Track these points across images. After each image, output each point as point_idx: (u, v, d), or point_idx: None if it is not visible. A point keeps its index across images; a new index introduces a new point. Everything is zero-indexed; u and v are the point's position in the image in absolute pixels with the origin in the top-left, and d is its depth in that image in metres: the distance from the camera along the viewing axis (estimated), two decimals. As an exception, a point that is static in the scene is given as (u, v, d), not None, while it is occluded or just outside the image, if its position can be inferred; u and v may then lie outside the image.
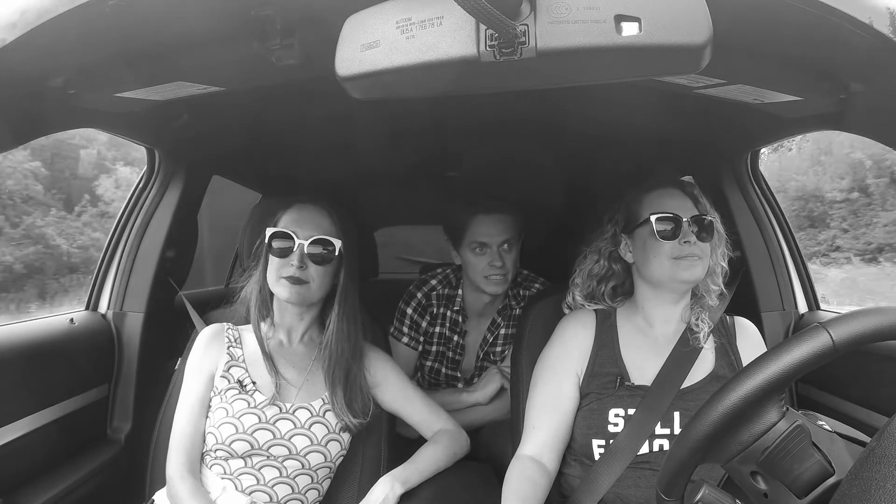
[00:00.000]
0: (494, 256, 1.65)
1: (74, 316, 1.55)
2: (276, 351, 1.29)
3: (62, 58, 0.90)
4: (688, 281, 1.18)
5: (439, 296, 1.83)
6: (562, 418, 1.19)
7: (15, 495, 1.22)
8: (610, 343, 1.23)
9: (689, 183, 1.26)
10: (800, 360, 0.62)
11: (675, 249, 1.16)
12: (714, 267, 1.22)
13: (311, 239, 1.22)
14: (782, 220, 1.70)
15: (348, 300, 1.29)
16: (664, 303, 1.23)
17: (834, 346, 0.61)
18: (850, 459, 0.65)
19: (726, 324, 1.27)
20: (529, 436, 1.19)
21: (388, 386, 1.33)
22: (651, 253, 1.19)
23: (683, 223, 1.17)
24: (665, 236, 1.17)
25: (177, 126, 1.40)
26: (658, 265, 1.18)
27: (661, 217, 1.18)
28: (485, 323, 1.82)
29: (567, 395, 1.20)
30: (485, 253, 1.66)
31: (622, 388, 1.17)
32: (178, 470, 1.17)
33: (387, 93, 0.77)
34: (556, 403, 1.19)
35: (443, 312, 1.82)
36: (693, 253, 1.16)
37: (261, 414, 1.19)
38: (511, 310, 1.79)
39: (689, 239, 1.16)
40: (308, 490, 1.22)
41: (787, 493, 0.65)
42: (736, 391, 0.64)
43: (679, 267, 1.16)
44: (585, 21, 0.61)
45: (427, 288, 1.83)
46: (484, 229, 1.66)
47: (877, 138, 0.97)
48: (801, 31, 0.78)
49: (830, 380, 1.45)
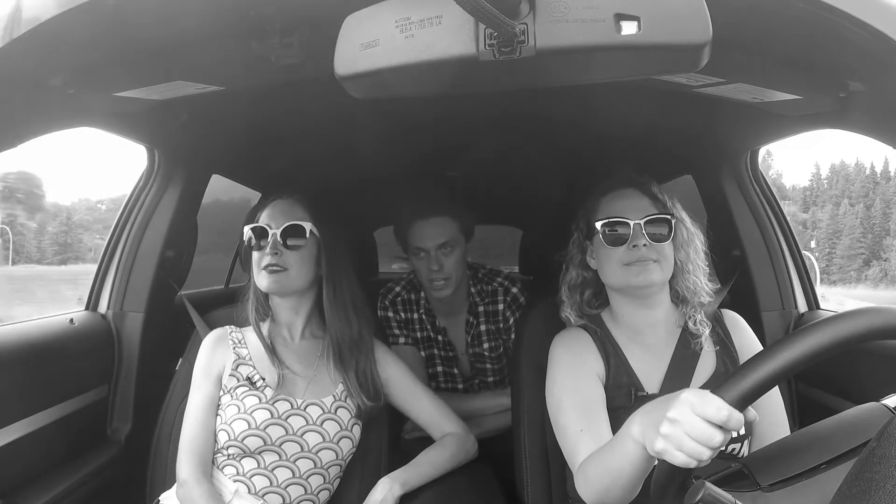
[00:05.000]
0: (432, 261, 1.66)
1: (74, 316, 1.54)
2: (281, 347, 1.31)
3: (61, 57, 0.90)
4: (642, 286, 1.12)
5: (404, 301, 1.84)
6: (604, 415, 1.09)
7: (15, 495, 1.22)
8: (615, 352, 1.18)
9: (646, 181, 1.20)
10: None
11: (625, 255, 1.12)
12: (685, 265, 1.17)
13: (283, 226, 1.26)
14: (782, 220, 1.70)
15: (338, 287, 1.30)
16: (638, 308, 1.18)
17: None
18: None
19: (720, 319, 1.22)
20: (579, 441, 1.05)
21: (396, 383, 1.34)
22: (603, 260, 1.16)
23: (633, 226, 1.12)
24: (612, 242, 1.13)
25: (176, 125, 1.40)
26: (611, 272, 1.15)
27: (606, 222, 1.14)
28: (460, 323, 1.82)
29: (599, 399, 1.11)
30: (424, 258, 1.68)
31: (637, 401, 1.11)
32: (193, 473, 1.17)
33: (386, 92, 0.77)
34: (591, 407, 1.09)
35: (414, 317, 1.84)
36: (645, 257, 1.11)
37: (273, 409, 1.20)
38: (477, 306, 1.80)
39: (639, 242, 1.11)
40: (320, 490, 1.23)
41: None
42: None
43: (630, 273, 1.12)
44: (585, 20, 0.61)
45: (392, 295, 1.85)
46: (420, 233, 1.68)
47: (877, 137, 0.97)
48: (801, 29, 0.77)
49: (830, 379, 1.45)
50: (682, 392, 0.71)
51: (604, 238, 1.14)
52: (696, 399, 0.68)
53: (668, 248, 1.14)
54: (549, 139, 1.83)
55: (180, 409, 1.35)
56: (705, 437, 0.67)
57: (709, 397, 0.67)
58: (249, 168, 2.08)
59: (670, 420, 0.70)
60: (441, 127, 1.72)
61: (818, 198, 67.82)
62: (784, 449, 0.75)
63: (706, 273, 1.20)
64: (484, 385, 1.84)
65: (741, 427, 0.67)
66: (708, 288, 1.19)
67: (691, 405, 0.68)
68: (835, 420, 0.77)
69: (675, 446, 0.69)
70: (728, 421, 0.65)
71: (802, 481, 0.70)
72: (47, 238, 53.98)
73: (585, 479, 0.97)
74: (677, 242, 1.16)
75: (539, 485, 1.28)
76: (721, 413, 0.65)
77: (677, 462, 0.69)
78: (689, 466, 0.69)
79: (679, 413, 0.69)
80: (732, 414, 0.65)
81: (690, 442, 0.68)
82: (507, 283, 1.81)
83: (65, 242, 53.98)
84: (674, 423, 0.69)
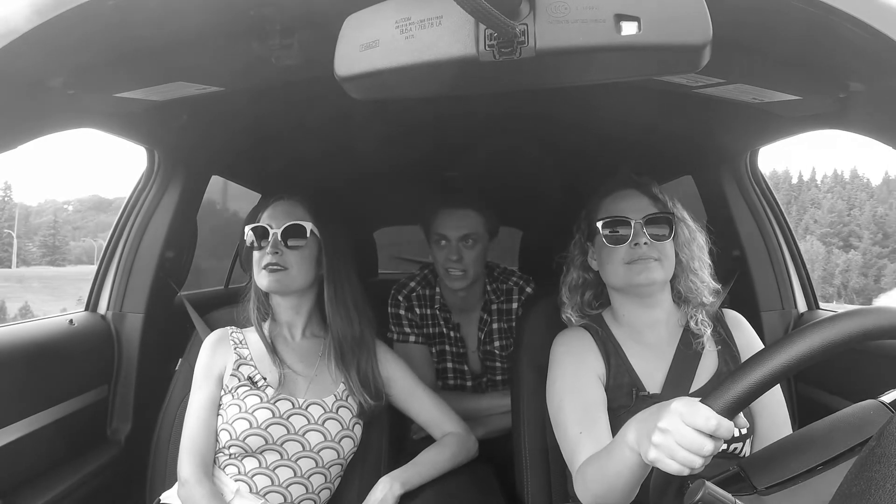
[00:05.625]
0: (452, 250, 1.68)
1: (74, 317, 1.54)
2: (281, 347, 1.31)
3: (61, 58, 0.90)
4: (644, 284, 1.12)
5: (419, 296, 1.84)
6: (604, 417, 1.10)
7: (15, 496, 1.22)
8: (615, 352, 1.18)
9: (646, 181, 1.20)
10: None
11: (627, 254, 1.12)
12: (689, 264, 1.17)
13: (284, 226, 1.27)
14: (781, 220, 1.70)
15: (339, 286, 1.31)
16: (638, 307, 1.18)
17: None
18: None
19: (721, 319, 1.21)
20: (579, 443, 1.05)
21: (397, 382, 1.34)
22: (605, 260, 1.16)
23: (634, 225, 1.12)
24: (614, 241, 1.14)
25: (176, 126, 1.40)
26: (613, 272, 1.15)
27: (607, 221, 1.15)
28: (474, 321, 1.83)
29: (600, 400, 1.11)
30: (445, 246, 1.69)
31: (638, 401, 1.11)
32: (195, 473, 1.17)
33: (386, 93, 0.77)
34: (591, 409, 1.09)
35: (428, 313, 1.84)
36: (647, 255, 1.11)
37: (274, 409, 1.20)
38: (491, 304, 1.81)
39: (639, 241, 1.11)
40: (321, 490, 1.23)
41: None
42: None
43: (632, 271, 1.12)
44: (585, 20, 0.61)
45: (407, 290, 1.85)
46: (445, 222, 1.70)
47: (876, 137, 0.97)
48: (801, 29, 0.77)
49: (830, 379, 1.45)
50: (672, 401, 0.72)
51: (605, 238, 1.15)
52: (686, 409, 0.68)
53: (670, 246, 1.14)
54: (549, 139, 1.83)
55: (180, 410, 1.35)
56: (696, 447, 0.67)
57: (697, 407, 0.67)
58: (249, 169, 2.08)
59: (661, 430, 0.71)
60: (441, 127, 1.72)
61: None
62: (780, 451, 0.75)
63: (711, 271, 1.20)
64: (492, 383, 1.84)
65: (731, 435, 0.67)
66: (713, 285, 1.19)
67: (681, 415, 0.68)
68: (831, 419, 0.76)
69: (667, 455, 0.70)
70: (717, 430, 0.66)
71: (799, 483, 0.70)
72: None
73: (584, 482, 0.97)
74: (679, 241, 1.17)
75: (539, 484, 1.28)
76: (710, 423, 0.66)
77: (671, 470, 0.70)
78: (682, 474, 0.70)
79: (669, 423, 0.70)
80: (721, 423, 0.66)
81: (682, 451, 0.68)
82: (521, 282, 1.82)
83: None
84: (665, 433, 0.70)
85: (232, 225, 2.53)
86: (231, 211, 2.73)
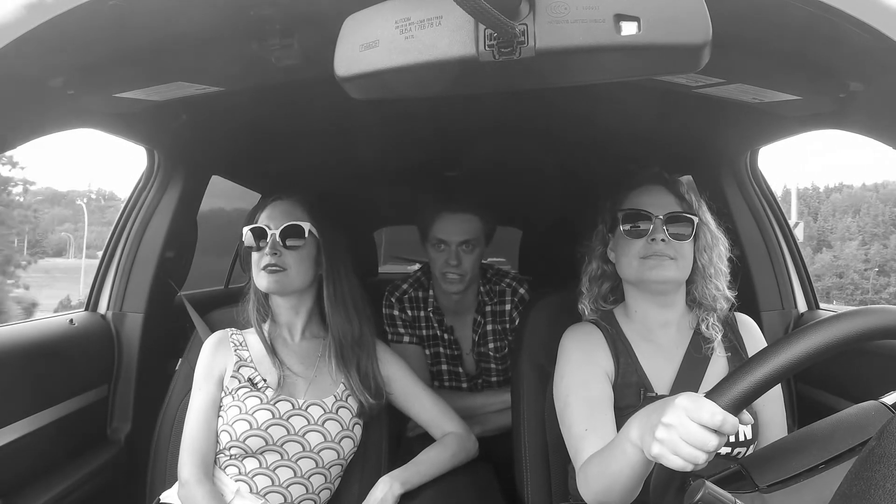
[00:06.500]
0: (451, 255, 1.67)
1: (74, 316, 1.55)
2: (281, 348, 1.31)
3: (61, 58, 0.90)
4: (656, 281, 1.11)
5: (411, 298, 1.84)
6: (610, 415, 1.08)
7: (15, 496, 1.22)
8: (625, 350, 1.16)
9: (675, 180, 1.18)
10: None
11: (643, 248, 1.11)
12: (706, 269, 1.15)
13: (282, 227, 1.26)
14: (781, 220, 1.70)
15: (338, 286, 1.31)
16: (651, 305, 1.17)
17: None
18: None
19: (733, 324, 1.20)
20: (584, 440, 1.04)
21: (397, 381, 1.35)
22: (621, 252, 1.15)
23: (655, 220, 1.11)
24: (632, 234, 1.12)
25: (176, 126, 1.40)
26: (627, 264, 1.13)
27: (628, 214, 1.13)
28: (468, 323, 1.82)
29: (607, 398, 1.10)
30: (444, 250, 1.68)
31: (646, 402, 1.09)
32: (195, 473, 1.18)
33: (386, 93, 0.76)
34: (598, 407, 1.08)
35: (421, 315, 1.84)
36: (662, 252, 1.09)
37: (274, 410, 1.21)
38: (485, 306, 1.80)
39: (657, 237, 1.10)
40: (321, 490, 1.23)
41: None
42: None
43: (645, 266, 1.10)
44: (584, 20, 0.61)
45: (399, 292, 1.85)
46: (445, 227, 1.68)
47: (877, 137, 0.97)
48: (801, 29, 0.77)
49: (830, 379, 1.45)
50: (677, 396, 0.71)
51: (624, 230, 1.14)
52: (691, 404, 0.68)
53: (688, 247, 1.13)
54: (549, 139, 1.83)
55: (180, 409, 1.35)
56: (700, 442, 0.67)
57: (703, 402, 0.67)
58: (249, 169, 2.08)
59: (665, 425, 0.70)
60: (440, 127, 1.71)
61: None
62: (782, 449, 0.75)
63: (727, 279, 1.18)
64: (487, 384, 1.84)
65: (736, 431, 0.67)
66: (728, 295, 1.17)
67: (686, 410, 0.68)
68: (833, 419, 0.76)
69: (671, 451, 0.69)
70: (722, 425, 0.65)
71: (801, 482, 0.70)
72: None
73: (586, 479, 0.97)
74: (699, 245, 1.15)
75: (539, 483, 1.28)
76: (715, 418, 0.65)
77: (674, 466, 0.69)
78: (685, 470, 0.69)
79: (674, 418, 0.69)
80: (727, 418, 0.65)
81: (686, 446, 0.68)
82: (514, 283, 1.81)
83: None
84: (669, 428, 0.69)
85: (232, 225, 2.53)
86: (231, 211, 2.73)
